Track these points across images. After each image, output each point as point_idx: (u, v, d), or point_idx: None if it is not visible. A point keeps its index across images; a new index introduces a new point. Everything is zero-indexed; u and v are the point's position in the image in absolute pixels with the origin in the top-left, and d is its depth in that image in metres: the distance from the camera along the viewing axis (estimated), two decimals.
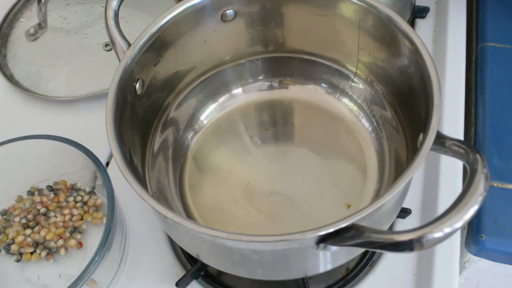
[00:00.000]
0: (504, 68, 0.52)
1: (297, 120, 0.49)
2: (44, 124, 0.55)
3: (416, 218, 0.46)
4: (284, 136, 0.49)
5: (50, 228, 0.46)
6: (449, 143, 0.32)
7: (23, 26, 0.63)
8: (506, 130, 0.48)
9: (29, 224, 0.47)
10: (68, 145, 0.43)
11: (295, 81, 0.50)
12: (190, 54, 0.45)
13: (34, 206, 0.48)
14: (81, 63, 0.59)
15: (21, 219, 0.47)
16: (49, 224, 0.47)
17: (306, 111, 0.49)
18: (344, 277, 0.44)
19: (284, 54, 0.48)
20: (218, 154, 0.47)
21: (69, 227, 0.46)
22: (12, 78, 0.58)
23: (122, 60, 0.38)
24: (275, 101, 0.50)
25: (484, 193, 0.28)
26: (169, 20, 0.40)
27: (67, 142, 0.43)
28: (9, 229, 0.47)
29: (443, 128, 0.49)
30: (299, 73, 0.49)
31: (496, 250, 0.43)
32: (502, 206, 0.44)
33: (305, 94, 0.49)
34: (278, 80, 0.50)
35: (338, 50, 0.46)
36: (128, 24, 0.61)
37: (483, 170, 0.29)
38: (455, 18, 0.57)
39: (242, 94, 0.50)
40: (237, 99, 0.50)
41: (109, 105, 0.36)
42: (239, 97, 0.50)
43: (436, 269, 0.42)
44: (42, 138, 0.44)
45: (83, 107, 0.56)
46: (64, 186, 0.49)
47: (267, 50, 0.48)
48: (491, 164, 0.46)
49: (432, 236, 0.27)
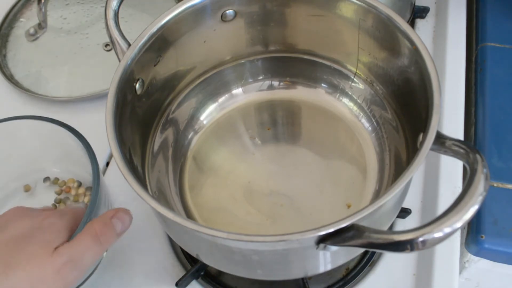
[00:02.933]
0: (504, 68, 0.52)
1: (297, 120, 0.49)
2: None
3: (416, 218, 0.46)
4: (284, 136, 0.48)
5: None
6: (449, 143, 0.32)
7: (23, 26, 0.63)
8: (506, 130, 0.48)
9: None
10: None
11: (295, 81, 0.50)
12: (190, 54, 0.45)
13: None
14: (81, 63, 0.59)
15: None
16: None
17: (306, 111, 0.49)
18: (344, 277, 0.44)
19: (284, 54, 0.48)
20: (218, 154, 0.47)
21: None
22: (12, 78, 0.58)
23: (122, 60, 0.38)
24: (275, 101, 0.50)
25: (484, 193, 0.28)
26: (169, 20, 0.40)
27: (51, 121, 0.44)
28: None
29: (443, 128, 0.49)
30: (299, 73, 0.49)
31: (496, 250, 0.43)
32: (502, 206, 0.44)
33: (305, 94, 0.49)
34: (278, 80, 0.50)
35: (338, 50, 0.46)
36: (128, 24, 0.61)
37: (483, 170, 0.29)
38: (455, 18, 0.57)
39: (242, 94, 0.50)
40: (237, 99, 0.50)
41: (109, 105, 0.35)
42: (239, 97, 0.50)
43: (436, 269, 0.42)
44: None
45: (83, 107, 0.56)
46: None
47: (267, 50, 0.48)
48: (491, 164, 0.46)
49: (432, 236, 0.27)
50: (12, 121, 0.45)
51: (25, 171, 0.49)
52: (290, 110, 0.49)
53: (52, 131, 0.45)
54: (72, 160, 0.47)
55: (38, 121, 0.45)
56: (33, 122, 0.45)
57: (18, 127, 0.45)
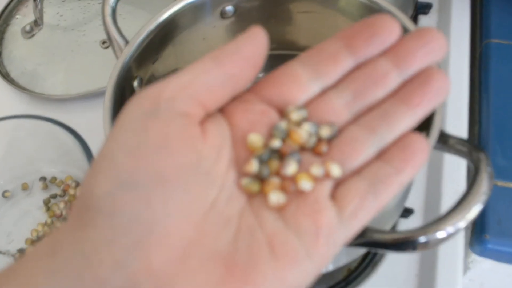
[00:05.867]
0: (509, 66, 0.51)
1: None
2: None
3: (419, 218, 0.46)
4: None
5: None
6: (453, 141, 0.31)
7: (19, 23, 0.62)
8: (511, 129, 0.47)
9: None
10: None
11: None
12: (189, 52, 0.44)
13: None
14: (78, 61, 0.59)
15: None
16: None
17: None
18: (346, 278, 0.44)
19: (285, 52, 0.48)
20: None
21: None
22: (8, 76, 0.57)
23: (120, 58, 0.37)
24: None
25: (488, 192, 0.28)
26: (168, 17, 0.39)
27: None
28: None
29: (447, 126, 0.48)
30: None
31: (500, 250, 0.42)
32: (506, 205, 0.44)
33: None
34: None
35: None
36: (126, 21, 0.60)
37: (487, 169, 0.28)
38: (459, 14, 0.56)
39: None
40: None
41: (106, 103, 0.35)
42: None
43: (439, 270, 0.42)
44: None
45: (80, 105, 0.55)
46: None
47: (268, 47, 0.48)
48: (495, 163, 0.45)
49: (435, 236, 0.27)
50: (9, 120, 0.45)
51: (22, 171, 0.49)
52: None
53: (49, 130, 0.44)
54: (70, 159, 0.47)
55: (35, 120, 0.44)
56: (30, 121, 0.45)
57: (15, 126, 0.45)
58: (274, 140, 0.23)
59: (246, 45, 0.24)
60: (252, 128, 0.24)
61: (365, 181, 0.23)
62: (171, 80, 0.23)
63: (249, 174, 0.23)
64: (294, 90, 0.25)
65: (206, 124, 0.23)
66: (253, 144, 0.23)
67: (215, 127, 0.23)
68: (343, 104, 0.24)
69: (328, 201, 0.22)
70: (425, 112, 0.24)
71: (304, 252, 0.21)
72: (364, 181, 0.23)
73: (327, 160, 0.23)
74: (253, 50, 0.24)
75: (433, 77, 0.24)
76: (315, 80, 0.25)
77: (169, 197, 0.20)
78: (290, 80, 0.25)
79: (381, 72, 0.24)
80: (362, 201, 0.22)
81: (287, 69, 0.26)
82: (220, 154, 0.22)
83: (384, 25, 0.24)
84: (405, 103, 0.24)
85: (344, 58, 0.25)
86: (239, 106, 0.24)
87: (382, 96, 0.24)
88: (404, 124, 0.24)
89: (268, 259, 0.21)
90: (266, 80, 0.25)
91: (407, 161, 0.23)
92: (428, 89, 0.24)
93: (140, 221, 0.20)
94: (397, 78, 0.24)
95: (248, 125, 0.24)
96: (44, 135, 0.46)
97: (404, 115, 0.24)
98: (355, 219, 0.22)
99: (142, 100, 0.23)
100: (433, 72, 0.24)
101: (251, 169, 0.22)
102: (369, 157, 0.23)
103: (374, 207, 0.22)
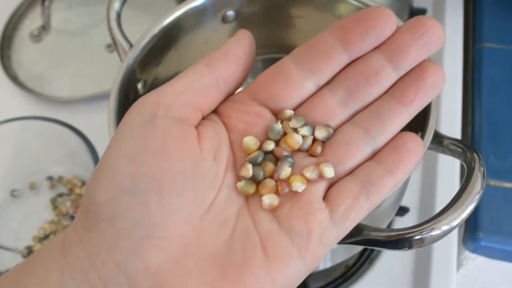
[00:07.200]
0: (500, 69, 0.52)
1: None
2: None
3: (414, 216, 0.47)
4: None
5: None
6: (447, 142, 0.32)
7: (27, 27, 0.63)
8: (503, 130, 0.48)
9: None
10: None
11: None
12: (191, 55, 0.45)
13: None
14: (84, 64, 0.60)
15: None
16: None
17: None
18: (343, 274, 0.44)
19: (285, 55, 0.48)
20: None
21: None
22: (17, 79, 0.58)
23: (124, 61, 0.38)
24: None
25: (481, 191, 0.28)
26: (171, 21, 0.40)
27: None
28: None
29: (441, 127, 0.49)
30: None
31: (492, 247, 0.43)
32: (498, 204, 0.44)
33: None
34: None
35: None
36: (130, 25, 0.61)
37: (480, 168, 0.29)
38: (452, 19, 0.57)
39: None
40: None
41: (111, 105, 0.36)
42: None
43: (434, 266, 0.42)
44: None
45: (86, 107, 0.56)
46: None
47: (268, 51, 0.48)
48: (488, 163, 0.46)
49: (430, 234, 0.27)
50: (17, 121, 0.46)
51: (30, 170, 0.50)
52: None
53: (56, 131, 0.45)
54: (75, 159, 0.47)
55: (42, 122, 0.45)
56: (37, 122, 0.45)
57: (23, 127, 0.46)
58: (268, 143, 0.24)
59: (235, 48, 0.25)
60: (248, 130, 0.24)
61: (358, 182, 0.23)
62: (168, 86, 0.24)
63: (244, 178, 0.23)
64: (288, 90, 0.25)
65: (203, 128, 0.24)
66: (248, 147, 0.24)
67: (212, 130, 0.24)
68: (337, 103, 0.24)
69: (321, 203, 0.23)
70: (419, 107, 0.24)
71: (296, 253, 0.22)
72: (357, 182, 0.23)
73: (321, 161, 0.24)
74: (242, 52, 0.25)
75: (427, 71, 0.24)
76: (308, 78, 0.25)
77: (167, 201, 0.21)
78: (283, 80, 0.25)
79: (374, 69, 0.24)
80: (354, 202, 0.23)
81: (280, 67, 0.26)
82: (217, 156, 0.23)
83: (379, 17, 0.23)
84: (399, 100, 0.24)
85: (338, 54, 0.24)
86: (235, 108, 0.25)
87: (377, 93, 0.24)
88: (398, 123, 0.24)
89: (261, 260, 0.21)
90: (260, 80, 0.26)
91: (399, 163, 0.23)
92: (422, 84, 0.24)
93: (139, 225, 0.21)
94: (392, 73, 0.24)
95: (244, 127, 0.24)
96: (51, 136, 0.46)
97: (398, 113, 0.24)
98: (347, 220, 0.23)
99: (141, 108, 0.23)
100: (426, 66, 0.24)
101: (246, 174, 0.23)
102: (363, 158, 0.24)
103: (366, 207, 0.23)
